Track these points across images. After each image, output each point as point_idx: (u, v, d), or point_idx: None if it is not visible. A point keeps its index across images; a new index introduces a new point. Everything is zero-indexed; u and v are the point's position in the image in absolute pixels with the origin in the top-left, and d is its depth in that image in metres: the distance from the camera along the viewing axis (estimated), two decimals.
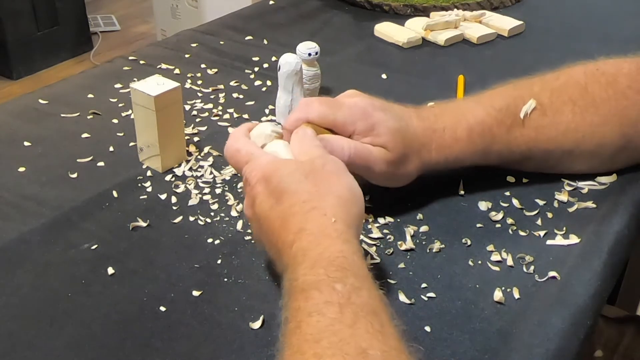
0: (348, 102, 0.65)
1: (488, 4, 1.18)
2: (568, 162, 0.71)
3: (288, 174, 0.54)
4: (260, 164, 0.57)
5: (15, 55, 2.76)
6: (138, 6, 3.47)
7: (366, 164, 0.63)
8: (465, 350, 0.53)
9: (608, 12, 1.20)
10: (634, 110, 0.69)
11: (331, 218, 0.51)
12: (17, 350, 0.53)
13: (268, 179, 0.55)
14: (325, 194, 0.53)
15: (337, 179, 0.55)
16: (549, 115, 0.68)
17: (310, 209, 0.52)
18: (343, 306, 0.45)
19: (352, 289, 0.46)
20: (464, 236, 0.65)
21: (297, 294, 0.47)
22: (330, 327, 0.43)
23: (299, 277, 0.48)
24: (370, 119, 0.64)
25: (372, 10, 1.18)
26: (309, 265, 0.48)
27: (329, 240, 0.50)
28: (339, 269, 0.48)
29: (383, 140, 0.64)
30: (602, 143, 0.69)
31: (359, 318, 0.44)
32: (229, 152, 0.61)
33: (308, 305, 0.45)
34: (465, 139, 0.67)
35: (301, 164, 0.56)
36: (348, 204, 0.54)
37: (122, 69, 0.96)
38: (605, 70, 0.71)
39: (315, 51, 0.83)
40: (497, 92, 0.70)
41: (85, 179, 0.73)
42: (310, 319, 0.44)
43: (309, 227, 0.51)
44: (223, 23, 1.13)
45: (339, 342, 0.42)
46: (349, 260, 0.49)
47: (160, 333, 0.54)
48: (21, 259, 0.62)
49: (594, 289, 0.59)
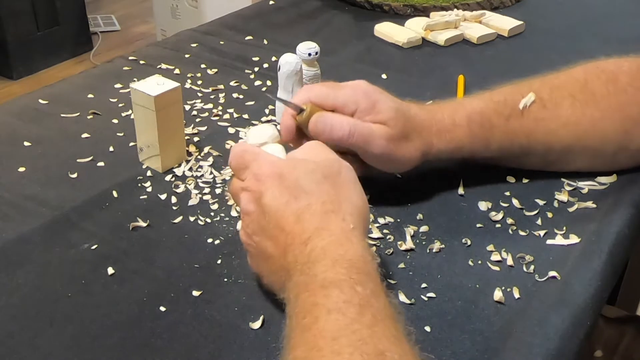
0: (349, 84, 0.66)
1: (488, 4, 1.18)
2: (569, 158, 0.71)
3: (307, 173, 0.54)
4: (270, 161, 0.56)
5: (15, 55, 2.76)
6: (138, 6, 3.47)
7: (366, 139, 0.63)
8: (465, 350, 0.53)
9: (608, 12, 1.20)
10: (635, 107, 0.69)
11: (350, 224, 0.51)
12: (17, 350, 0.53)
13: (282, 176, 0.54)
14: (344, 199, 0.53)
15: (353, 187, 0.55)
16: (549, 108, 0.69)
17: (329, 211, 0.52)
18: (363, 307, 0.45)
19: (372, 292, 0.47)
20: (464, 236, 0.65)
21: (315, 289, 0.46)
22: (349, 326, 0.43)
23: (318, 274, 0.47)
24: (371, 98, 0.64)
25: (372, 10, 1.18)
26: (330, 263, 0.48)
27: (350, 244, 0.50)
28: (360, 272, 0.48)
29: (384, 116, 0.64)
30: (604, 139, 0.69)
31: (377, 321, 0.44)
32: (233, 155, 0.58)
33: (328, 302, 0.45)
34: (464, 125, 0.67)
35: (320, 164, 0.55)
36: (362, 214, 0.54)
37: (122, 69, 0.96)
38: (605, 68, 0.71)
39: (315, 51, 0.83)
40: (495, 89, 0.71)
41: (85, 179, 0.73)
42: (330, 317, 0.44)
43: (330, 227, 0.51)
44: (223, 23, 1.13)
45: (358, 342, 0.42)
46: (369, 266, 0.49)
47: (160, 333, 0.54)
48: (21, 259, 0.62)
49: (594, 289, 0.59)
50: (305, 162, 0.56)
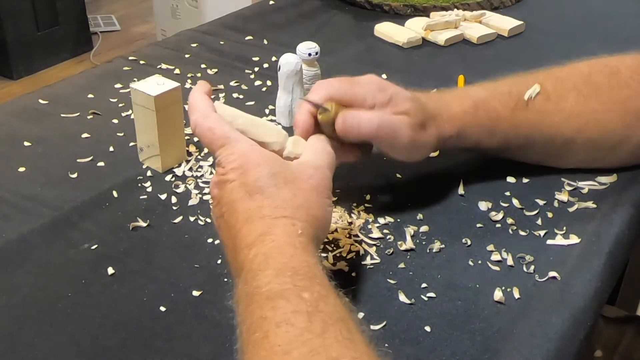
0: (362, 78, 0.65)
1: (488, 4, 1.18)
2: (570, 152, 0.71)
3: (268, 175, 0.53)
4: (240, 151, 0.55)
5: (15, 55, 2.76)
6: (138, 6, 3.47)
7: (394, 131, 0.63)
8: (465, 350, 0.53)
9: (608, 12, 1.20)
10: (637, 101, 0.69)
11: (298, 230, 0.51)
12: (17, 350, 0.53)
13: (245, 171, 0.53)
14: (300, 206, 0.52)
15: (316, 197, 0.54)
16: (553, 100, 0.69)
17: (280, 216, 0.51)
18: (312, 314, 0.44)
19: (319, 296, 0.46)
20: (464, 236, 0.65)
21: (261, 302, 0.46)
22: (299, 337, 0.43)
23: (263, 285, 0.47)
24: (387, 90, 0.64)
25: (372, 10, 1.18)
26: (273, 273, 0.47)
27: (293, 250, 0.49)
28: (305, 277, 0.47)
29: (403, 107, 0.63)
30: (604, 131, 0.70)
31: (328, 326, 0.44)
32: (200, 130, 0.57)
33: (276, 315, 0.44)
34: (471, 112, 0.67)
35: (285, 167, 0.55)
36: (317, 224, 0.53)
37: (122, 69, 0.96)
38: (609, 62, 0.72)
39: (315, 51, 0.83)
40: (500, 80, 0.71)
41: (85, 179, 0.73)
42: (279, 330, 0.43)
43: (275, 232, 0.50)
44: (223, 23, 1.13)
45: (310, 353, 0.42)
46: (314, 270, 0.48)
47: (160, 333, 0.54)
48: (21, 259, 0.62)
49: (594, 289, 0.59)
50: (269, 162, 0.54)
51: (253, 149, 0.55)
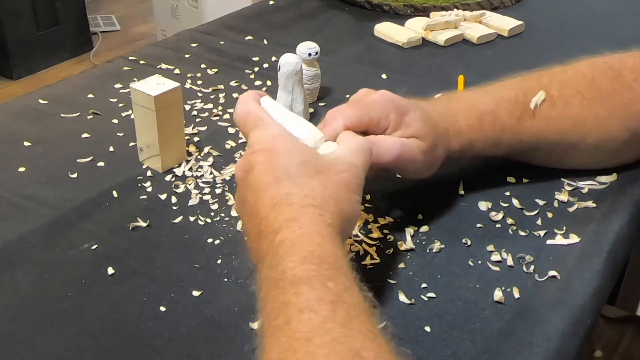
0: (373, 98, 0.63)
1: (488, 4, 1.18)
2: (572, 155, 0.71)
3: (298, 163, 0.52)
4: (271, 134, 0.54)
5: (15, 55, 2.76)
6: (138, 6, 3.47)
7: (411, 158, 0.62)
8: (465, 350, 0.53)
9: (608, 12, 1.20)
10: (639, 104, 0.69)
11: (327, 220, 0.50)
12: (17, 350, 0.53)
13: (275, 154, 0.52)
14: (329, 197, 0.51)
15: (346, 191, 0.53)
16: (559, 106, 0.69)
17: (309, 204, 0.50)
18: (335, 304, 0.43)
19: (345, 288, 0.45)
20: (464, 236, 0.65)
21: (285, 287, 0.45)
22: (322, 325, 0.42)
23: (287, 270, 0.46)
24: (399, 110, 0.62)
25: (372, 10, 1.18)
26: (299, 260, 0.46)
27: (321, 239, 0.48)
28: (331, 267, 0.46)
29: (414, 129, 0.62)
30: (607, 137, 0.70)
31: (351, 318, 0.43)
32: (237, 116, 0.58)
33: (299, 300, 0.43)
34: (477, 126, 0.67)
35: (317, 157, 0.53)
36: (345, 218, 0.52)
37: (122, 69, 0.96)
38: (612, 64, 0.71)
39: (315, 51, 0.83)
40: (505, 83, 0.71)
41: (85, 179, 0.73)
42: (302, 316, 0.43)
43: (302, 219, 0.49)
44: (223, 23, 1.13)
45: (332, 342, 0.41)
46: (340, 261, 0.47)
47: (160, 333, 0.54)
48: (21, 259, 0.62)
49: (594, 288, 0.59)
50: (303, 150, 0.53)
51: (285, 135, 0.54)
